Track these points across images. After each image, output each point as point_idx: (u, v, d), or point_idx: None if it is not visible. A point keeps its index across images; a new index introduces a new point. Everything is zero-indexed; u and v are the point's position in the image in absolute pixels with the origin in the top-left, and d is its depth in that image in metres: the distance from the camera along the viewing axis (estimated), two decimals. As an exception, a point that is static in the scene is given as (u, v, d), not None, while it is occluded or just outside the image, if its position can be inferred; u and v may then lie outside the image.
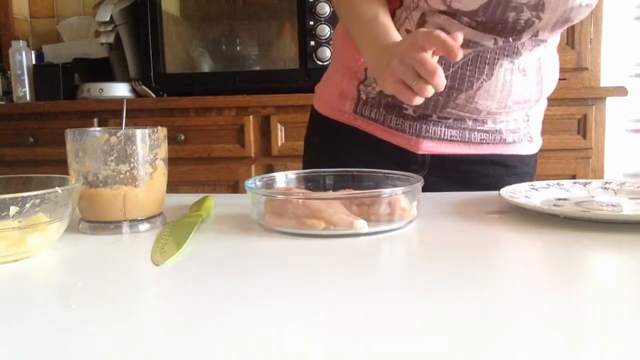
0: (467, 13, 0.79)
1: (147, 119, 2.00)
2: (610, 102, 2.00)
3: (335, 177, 0.76)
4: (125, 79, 2.20)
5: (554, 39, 0.90)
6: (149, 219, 0.66)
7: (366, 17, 0.79)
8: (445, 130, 0.90)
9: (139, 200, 0.64)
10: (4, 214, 0.51)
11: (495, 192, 0.75)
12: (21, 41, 2.25)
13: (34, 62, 2.25)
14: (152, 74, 2.11)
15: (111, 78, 2.26)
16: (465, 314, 0.39)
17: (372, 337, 0.35)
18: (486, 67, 0.84)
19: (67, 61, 2.28)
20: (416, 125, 0.90)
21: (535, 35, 0.82)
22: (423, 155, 0.92)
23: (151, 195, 0.65)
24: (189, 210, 0.72)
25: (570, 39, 1.99)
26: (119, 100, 2.06)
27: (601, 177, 1.97)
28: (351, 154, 0.79)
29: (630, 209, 0.67)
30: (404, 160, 0.91)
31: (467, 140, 0.91)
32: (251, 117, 2.02)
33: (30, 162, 2.10)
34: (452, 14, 0.80)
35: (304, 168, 1.01)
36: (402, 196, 0.63)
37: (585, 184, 0.79)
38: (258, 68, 2.15)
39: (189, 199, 0.78)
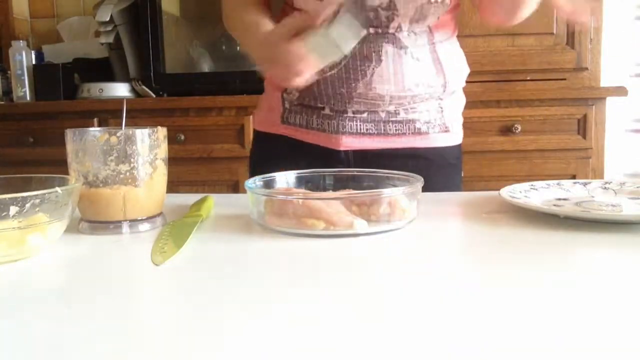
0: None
1: (147, 119, 2.00)
2: (610, 102, 2.00)
3: (335, 177, 0.76)
4: (125, 79, 2.20)
5: (441, 33, 0.95)
6: (149, 219, 0.66)
7: (250, 20, 0.89)
8: (361, 125, 0.95)
9: (139, 200, 0.64)
10: (4, 214, 0.51)
11: (495, 192, 0.75)
12: (21, 41, 2.25)
13: (34, 62, 2.25)
14: (152, 74, 2.11)
15: (111, 78, 2.26)
16: (465, 314, 0.39)
17: (372, 337, 0.35)
18: (373, 54, 0.90)
19: (67, 61, 2.28)
20: (334, 123, 0.95)
21: (400, 29, 0.90)
22: (346, 152, 0.96)
23: (151, 195, 0.65)
24: (189, 210, 0.72)
25: (570, 39, 1.99)
26: (119, 100, 2.06)
27: (601, 177, 1.97)
28: (287, 163, 0.83)
29: (630, 209, 0.68)
30: (329, 160, 0.96)
31: (383, 132, 0.95)
32: (251, 117, 2.02)
33: (30, 162, 2.10)
34: None
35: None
36: (402, 196, 0.63)
37: (585, 184, 0.79)
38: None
39: (189, 199, 0.78)
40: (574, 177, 1.94)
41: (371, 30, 0.89)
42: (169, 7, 2.13)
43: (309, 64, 0.75)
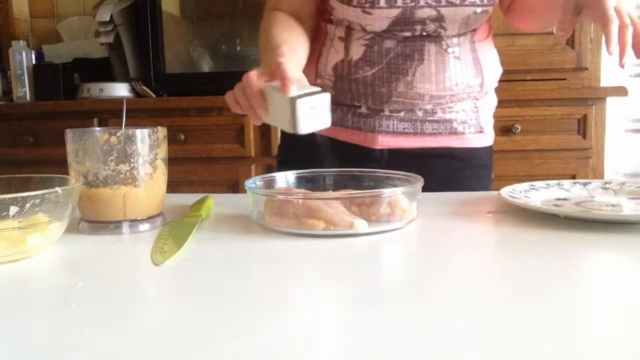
0: (381, 30, 0.90)
1: (147, 119, 1.99)
2: (610, 102, 2.00)
3: (335, 177, 0.76)
4: (125, 79, 2.20)
5: (479, 33, 0.96)
6: (149, 219, 0.66)
7: (272, 40, 0.87)
8: (398, 124, 0.95)
9: (139, 200, 0.64)
10: (4, 214, 0.51)
11: (495, 192, 0.75)
12: (21, 41, 2.24)
13: (34, 62, 2.25)
14: (152, 74, 2.11)
15: (111, 78, 2.26)
16: (464, 315, 0.39)
17: (372, 337, 0.35)
18: (415, 53, 0.90)
19: (67, 61, 2.28)
20: (370, 121, 0.95)
21: (446, 37, 0.91)
22: (381, 151, 0.96)
23: (151, 195, 0.65)
24: (189, 210, 0.72)
25: (570, 39, 1.99)
26: (119, 100, 2.06)
27: (601, 177, 1.97)
28: (317, 162, 0.83)
29: (630, 209, 0.67)
30: (363, 159, 0.95)
31: (419, 131, 0.95)
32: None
33: (30, 162, 2.09)
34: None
35: None
36: (402, 196, 0.63)
37: (585, 184, 0.79)
38: (258, 68, 2.14)
39: (189, 199, 0.78)
40: (574, 177, 1.94)
41: (416, 32, 0.90)
42: (169, 7, 2.12)
43: (257, 108, 0.74)
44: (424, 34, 0.90)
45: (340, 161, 0.83)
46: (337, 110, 0.97)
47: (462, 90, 0.94)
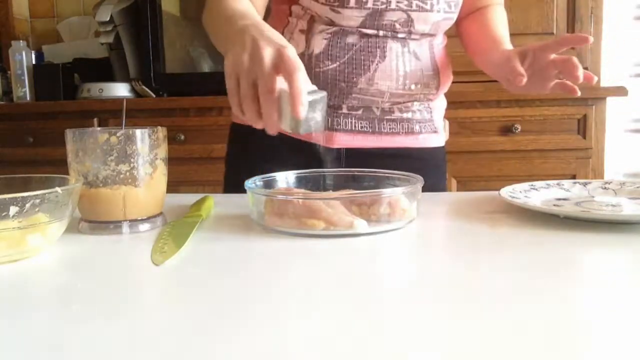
0: (348, 26, 0.89)
1: (147, 119, 1.99)
2: (610, 102, 2.00)
3: (335, 177, 0.76)
4: (125, 79, 2.20)
5: (437, 38, 0.97)
6: (149, 219, 0.66)
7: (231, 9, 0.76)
8: (356, 122, 0.94)
9: (139, 200, 0.64)
10: (4, 214, 0.51)
11: (495, 192, 0.75)
12: (21, 41, 2.25)
13: (34, 62, 2.25)
14: (152, 74, 2.11)
15: (111, 78, 2.26)
16: (465, 315, 0.39)
17: (372, 337, 0.35)
18: (377, 50, 0.90)
19: (67, 61, 2.28)
20: (328, 119, 0.94)
21: (411, 38, 0.93)
22: (338, 150, 0.95)
23: (151, 195, 0.65)
24: (189, 210, 0.72)
25: (570, 39, 1.99)
26: (119, 100, 2.06)
27: (601, 177, 1.97)
28: (272, 159, 0.81)
29: (630, 209, 0.67)
30: (321, 157, 0.94)
31: (377, 131, 0.95)
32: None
33: (30, 162, 2.10)
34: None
35: (225, 189, 1.02)
36: (402, 196, 0.63)
37: (585, 184, 0.79)
38: (258, 68, 2.14)
39: (189, 199, 0.78)
40: (574, 177, 1.94)
41: (380, 33, 0.89)
42: (169, 7, 2.12)
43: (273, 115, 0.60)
44: (388, 34, 0.90)
45: (297, 161, 0.81)
46: None
47: (420, 91, 0.94)
